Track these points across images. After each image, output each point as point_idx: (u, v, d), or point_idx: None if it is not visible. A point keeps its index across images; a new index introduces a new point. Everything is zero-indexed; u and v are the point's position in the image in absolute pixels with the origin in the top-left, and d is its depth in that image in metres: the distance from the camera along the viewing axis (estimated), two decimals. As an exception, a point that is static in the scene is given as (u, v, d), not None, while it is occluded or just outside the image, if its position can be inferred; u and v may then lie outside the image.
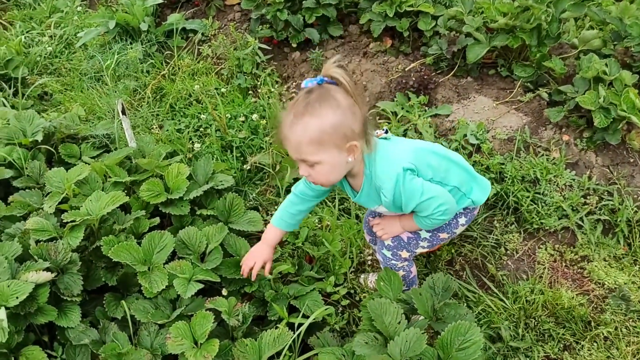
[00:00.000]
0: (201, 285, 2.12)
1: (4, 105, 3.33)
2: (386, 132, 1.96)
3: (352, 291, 2.45)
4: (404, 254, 2.12)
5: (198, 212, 2.47)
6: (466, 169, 2.05)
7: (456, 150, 3.00)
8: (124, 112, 2.69)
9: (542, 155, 2.89)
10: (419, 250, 2.15)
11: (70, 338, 2.03)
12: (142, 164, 2.59)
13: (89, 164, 2.63)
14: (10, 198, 2.50)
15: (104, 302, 2.16)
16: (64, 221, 2.19)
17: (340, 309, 2.37)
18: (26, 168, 2.69)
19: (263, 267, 2.18)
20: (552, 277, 2.55)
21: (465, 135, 3.00)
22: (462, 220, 2.12)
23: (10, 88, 3.62)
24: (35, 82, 3.73)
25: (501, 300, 2.46)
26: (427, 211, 1.90)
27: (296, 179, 2.91)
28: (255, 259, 2.17)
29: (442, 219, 1.94)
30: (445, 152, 2.01)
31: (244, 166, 3.00)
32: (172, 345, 1.93)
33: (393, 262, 2.16)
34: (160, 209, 2.45)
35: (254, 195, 2.88)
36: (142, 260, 2.15)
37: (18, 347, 1.96)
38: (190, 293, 2.07)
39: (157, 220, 2.41)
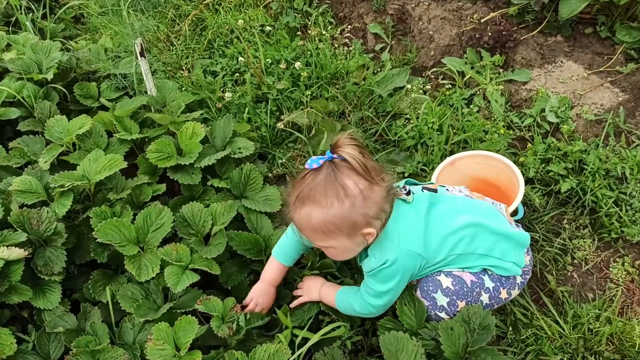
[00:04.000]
0: (197, 277, 1.83)
1: (32, 30, 3.05)
2: (408, 193, 1.73)
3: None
4: (462, 304, 1.72)
5: (209, 183, 2.14)
6: (496, 230, 1.78)
7: (529, 128, 2.50)
8: (142, 54, 2.34)
9: (637, 146, 2.34)
10: None
11: (45, 322, 1.80)
12: (155, 118, 2.26)
13: (105, 110, 2.35)
14: (11, 144, 2.25)
15: (90, 280, 1.90)
16: (50, 185, 1.92)
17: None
18: (36, 108, 2.43)
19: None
20: (626, 302, 2.09)
21: (542, 111, 2.49)
22: (514, 291, 1.87)
23: (42, 8, 3.32)
24: (69, 2, 3.41)
25: (557, 322, 2.04)
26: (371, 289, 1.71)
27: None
28: (253, 297, 1.91)
29: (368, 306, 1.74)
30: (470, 218, 1.75)
31: (277, 124, 2.61)
32: (152, 348, 1.67)
33: (441, 314, 1.74)
34: (168, 174, 2.14)
35: (284, 160, 2.51)
36: (134, 240, 1.87)
37: (-12, 326, 1.75)
38: (182, 287, 1.78)
39: (162, 187, 2.11)
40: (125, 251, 1.81)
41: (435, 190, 1.81)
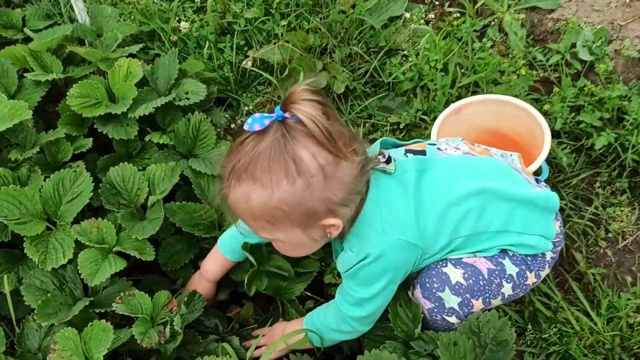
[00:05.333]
0: (124, 264, 1.41)
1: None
2: (388, 160, 1.30)
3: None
4: (478, 304, 1.31)
5: (147, 138, 1.68)
6: (511, 195, 1.35)
7: (555, 68, 2.04)
8: (67, -30, 1.84)
9: (692, 90, 1.90)
10: (497, 302, 1.37)
11: None
12: (81, 53, 1.78)
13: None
14: None
15: (-11, 265, 1.48)
16: None
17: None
18: (-61, 42, 1.94)
19: None
20: (674, 288, 1.68)
21: (573, 46, 2.07)
22: (544, 272, 1.46)
23: None
24: None
25: (588, 315, 1.64)
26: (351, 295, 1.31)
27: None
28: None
29: (348, 320, 1.34)
30: (474, 184, 1.31)
31: (244, 62, 2.13)
32: (56, 361, 1.26)
33: (450, 319, 1.34)
34: (95, 126, 1.67)
35: (251, 107, 2.05)
36: (41, 214, 1.43)
37: None
38: (102, 278, 1.37)
39: (87, 143, 1.65)
40: (25, 230, 1.38)
41: (423, 152, 1.35)
